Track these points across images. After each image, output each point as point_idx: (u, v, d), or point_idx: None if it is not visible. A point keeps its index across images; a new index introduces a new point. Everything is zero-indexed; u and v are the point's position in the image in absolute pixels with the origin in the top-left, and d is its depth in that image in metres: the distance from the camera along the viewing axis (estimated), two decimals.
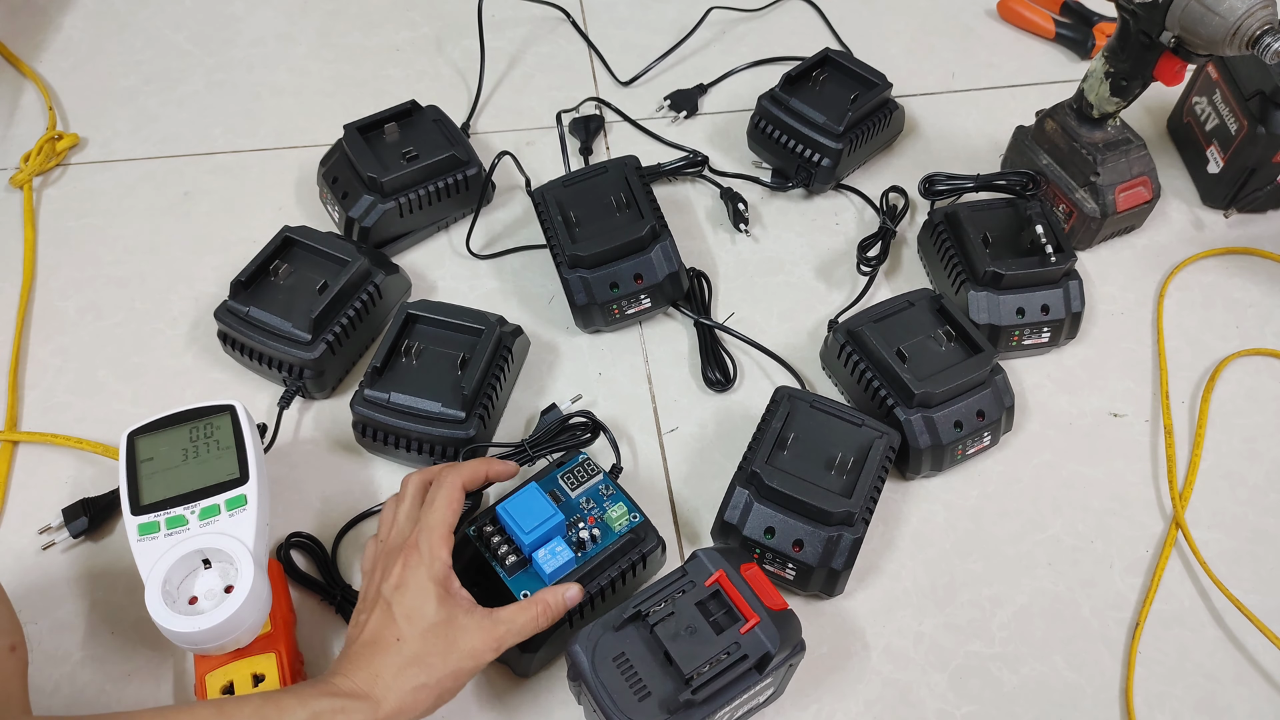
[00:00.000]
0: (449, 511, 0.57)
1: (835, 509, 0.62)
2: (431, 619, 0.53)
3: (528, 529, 0.59)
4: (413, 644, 0.52)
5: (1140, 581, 0.68)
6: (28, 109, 0.94)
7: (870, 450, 0.65)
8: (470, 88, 0.98)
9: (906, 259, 0.85)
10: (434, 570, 0.54)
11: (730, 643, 0.54)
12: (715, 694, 0.53)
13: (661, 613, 0.55)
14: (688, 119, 0.96)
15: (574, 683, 0.56)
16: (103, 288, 0.81)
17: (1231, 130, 0.85)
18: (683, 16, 1.04)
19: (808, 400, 0.68)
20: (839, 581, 0.64)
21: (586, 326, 0.79)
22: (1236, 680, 0.64)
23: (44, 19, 1.03)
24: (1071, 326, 0.78)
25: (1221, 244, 0.87)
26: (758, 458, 0.65)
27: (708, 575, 0.57)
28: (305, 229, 0.76)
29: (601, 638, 0.55)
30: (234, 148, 0.92)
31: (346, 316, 0.73)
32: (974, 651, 0.65)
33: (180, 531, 0.59)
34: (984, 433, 0.71)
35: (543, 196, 0.79)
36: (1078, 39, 1.01)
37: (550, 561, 0.59)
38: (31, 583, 0.66)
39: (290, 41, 1.02)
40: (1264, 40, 0.64)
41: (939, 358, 0.71)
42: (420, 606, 0.53)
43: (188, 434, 0.63)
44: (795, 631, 0.57)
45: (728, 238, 0.86)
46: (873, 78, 0.87)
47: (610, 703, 0.53)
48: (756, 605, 0.55)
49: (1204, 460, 0.74)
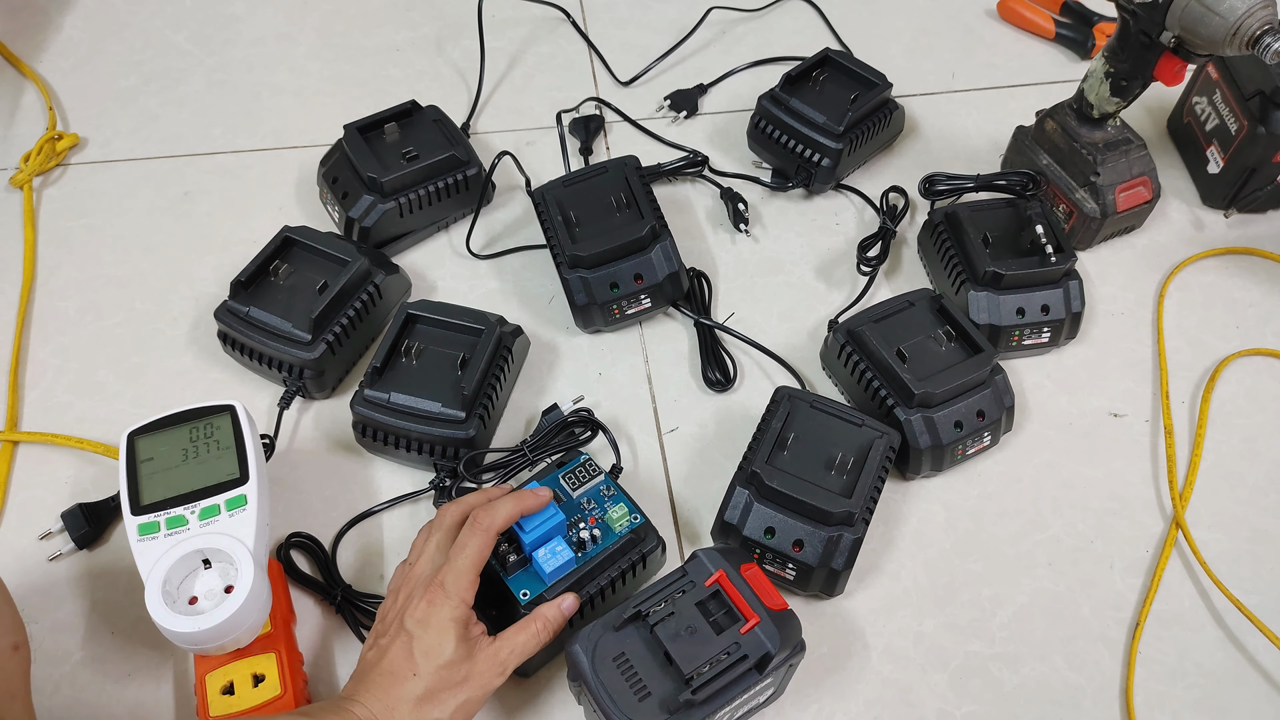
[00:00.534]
0: (479, 557, 0.58)
1: (835, 509, 0.62)
2: (448, 657, 0.54)
3: (528, 528, 0.60)
4: (428, 680, 0.54)
5: (1140, 581, 0.68)
6: (28, 109, 0.94)
7: (870, 450, 0.65)
8: (470, 88, 0.98)
9: (906, 259, 0.85)
10: (457, 612, 0.56)
11: (730, 643, 0.54)
12: (715, 694, 0.53)
13: (662, 613, 0.55)
14: (688, 119, 0.96)
15: (574, 683, 0.56)
16: (103, 288, 0.81)
17: (1231, 130, 0.85)
18: (683, 16, 1.04)
19: (808, 400, 0.68)
20: (839, 581, 0.64)
21: (586, 326, 0.79)
22: (1236, 680, 0.64)
23: (44, 19, 1.03)
24: (1071, 326, 0.78)
25: (1221, 244, 0.87)
26: (758, 458, 0.65)
27: (708, 575, 0.57)
28: (305, 229, 0.76)
29: (601, 638, 0.55)
30: (234, 148, 0.92)
31: (346, 317, 0.73)
32: (974, 651, 0.65)
33: (180, 531, 0.59)
34: (984, 433, 0.71)
35: (543, 196, 0.79)
36: (1078, 39, 1.01)
37: (550, 561, 0.59)
38: (32, 583, 0.66)
39: (290, 41, 1.02)
40: (1264, 40, 0.64)
41: (939, 358, 0.71)
42: (439, 645, 0.55)
43: (188, 434, 0.63)
44: (795, 632, 0.57)
45: (728, 238, 0.86)
46: (873, 78, 0.87)
47: (610, 703, 0.53)
48: (757, 605, 0.55)
49: (1204, 460, 0.74)
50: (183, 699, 0.61)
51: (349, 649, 0.64)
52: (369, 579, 0.67)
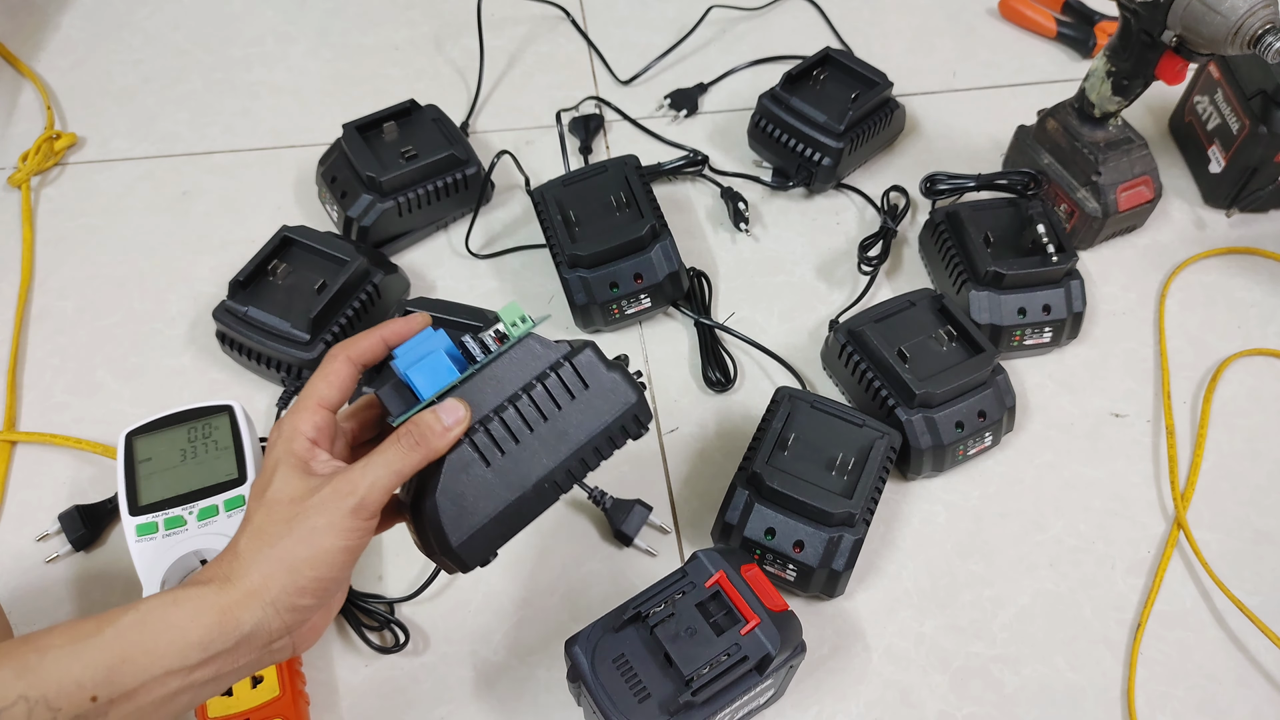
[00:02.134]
0: (322, 384, 0.47)
1: (836, 510, 0.62)
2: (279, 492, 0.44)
3: (400, 352, 0.47)
4: (257, 516, 0.44)
5: (1142, 582, 0.68)
6: (26, 108, 0.94)
7: (871, 451, 0.65)
8: (469, 87, 0.98)
9: (907, 259, 0.85)
10: (292, 445, 0.45)
11: (730, 644, 0.54)
12: (715, 695, 0.53)
13: (661, 614, 0.55)
14: (688, 118, 0.96)
15: (573, 684, 0.56)
16: (101, 287, 0.81)
17: (1233, 129, 0.85)
18: (683, 15, 1.04)
19: (808, 400, 0.68)
20: (840, 582, 0.64)
21: (586, 326, 0.78)
22: (1238, 681, 0.64)
23: (43, 18, 1.02)
24: (1073, 326, 0.78)
25: (1223, 244, 0.87)
26: (758, 458, 0.64)
27: (708, 576, 0.56)
28: (304, 229, 0.76)
29: (601, 639, 0.55)
30: (233, 147, 0.92)
31: (345, 316, 0.73)
32: (975, 652, 0.65)
33: (179, 532, 0.58)
34: (985, 433, 0.71)
35: (542, 196, 0.79)
36: (1079, 38, 1.01)
37: (424, 375, 0.46)
38: (30, 584, 0.65)
39: (289, 41, 1.02)
40: (1266, 39, 0.64)
41: (940, 358, 0.71)
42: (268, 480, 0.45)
43: (186, 434, 0.62)
44: (796, 633, 0.56)
45: (728, 237, 0.86)
46: (874, 77, 0.87)
47: (610, 704, 0.53)
48: (757, 606, 0.55)
49: (1206, 460, 0.74)
50: None
51: (348, 649, 0.64)
52: (368, 579, 0.67)
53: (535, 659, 0.64)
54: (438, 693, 0.62)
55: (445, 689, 0.62)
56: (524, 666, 0.63)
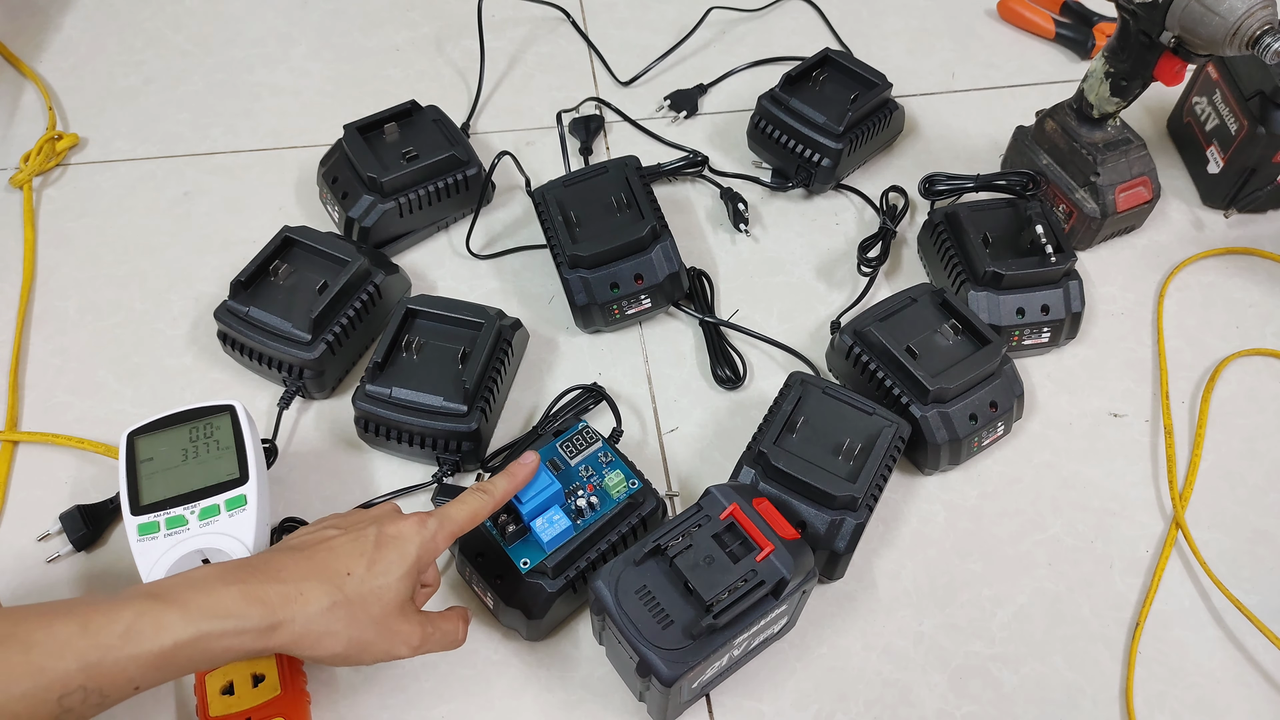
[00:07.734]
0: (472, 515, 0.57)
1: (839, 492, 0.63)
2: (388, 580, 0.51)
3: (525, 499, 0.60)
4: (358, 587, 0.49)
5: (1140, 582, 0.68)
6: (27, 109, 0.94)
7: (879, 438, 0.66)
8: (470, 88, 0.98)
9: (907, 259, 0.85)
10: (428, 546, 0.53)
11: (747, 570, 0.56)
12: (735, 619, 0.55)
13: (680, 546, 0.56)
14: (688, 119, 0.96)
15: (597, 617, 0.57)
16: (103, 287, 0.81)
17: (1231, 130, 0.85)
18: (683, 16, 1.04)
19: (820, 386, 0.68)
20: (840, 564, 0.64)
21: (587, 327, 0.79)
22: (1237, 680, 0.64)
23: (44, 19, 1.03)
24: (1072, 326, 0.78)
25: (1221, 244, 0.87)
26: (766, 438, 0.65)
27: (722, 509, 0.58)
28: (305, 229, 0.76)
29: (623, 573, 0.56)
30: (234, 147, 0.92)
31: (346, 316, 0.73)
32: (974, 652, 0.65)
33: (180, 532, 0.59)
34: (998, 423, 0.71)
35: (543, 196, 0.79)
36: (1078, 39, 1.01)
37: (548, 530, 0.60)
38: (31, 584, 0.66)
39: (290, 41, 1.02)
40: (1264, 40, 0.64)
41: (948, 352, 0.71)
42: (394, 564, 0.51)
43: (187, 434, 0.63)
44: (808, 559, 0.58)
45: (728, 238, 0.86)
46: (873, 78, 0.87)
47: (635, 632, 0.54)
48: (770, 535, 0.57)
49: (1204, 460, 0.74)
50: (183, 699, 0.61)
51: None
52: None
53: (536, 659, 0.64)
54: (438, 692, 0.62)
55: (445, 689, 0.62)
56: (525, 666, 0.64)
